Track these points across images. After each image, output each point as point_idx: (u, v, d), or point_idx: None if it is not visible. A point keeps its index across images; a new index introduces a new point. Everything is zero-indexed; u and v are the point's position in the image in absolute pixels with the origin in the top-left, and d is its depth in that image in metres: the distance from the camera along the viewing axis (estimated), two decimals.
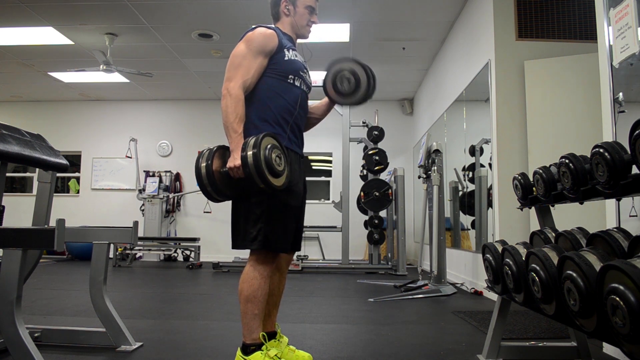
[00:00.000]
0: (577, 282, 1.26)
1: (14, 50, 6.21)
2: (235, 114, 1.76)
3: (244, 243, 1.81)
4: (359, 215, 6.85)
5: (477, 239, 4.62)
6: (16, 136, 1.99)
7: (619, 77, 2.21)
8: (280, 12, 2.00)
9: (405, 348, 2.32)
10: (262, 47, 1.84)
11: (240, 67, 1.81)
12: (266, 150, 1.68)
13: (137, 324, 2.70)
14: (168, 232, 8.26)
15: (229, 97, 1.77)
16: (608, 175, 1.37)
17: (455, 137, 5.41)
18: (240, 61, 1.82)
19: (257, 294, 1.77)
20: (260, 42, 1.84)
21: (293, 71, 1.92)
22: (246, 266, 1.82)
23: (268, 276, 1.81)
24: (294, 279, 5.16)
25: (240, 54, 1.83)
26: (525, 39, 3.99)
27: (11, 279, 1.63)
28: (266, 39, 1.85)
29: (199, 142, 8.55)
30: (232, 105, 1.76)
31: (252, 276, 1.78)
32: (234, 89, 1.77)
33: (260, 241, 1.77)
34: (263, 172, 1.67)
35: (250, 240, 1.78)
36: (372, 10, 5.06)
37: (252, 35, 1.86)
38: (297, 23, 2.00)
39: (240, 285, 1.79)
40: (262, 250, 1.79)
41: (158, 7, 5.01)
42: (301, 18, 1.99)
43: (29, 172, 8.76)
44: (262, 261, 1.80)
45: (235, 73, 1.80)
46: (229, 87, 1.78)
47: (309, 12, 2.00)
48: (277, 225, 1.81)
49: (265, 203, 1.79)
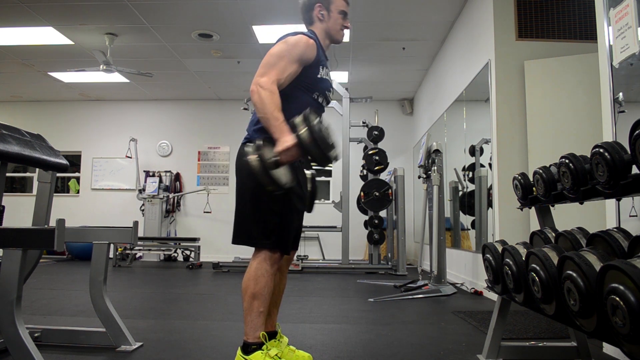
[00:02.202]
0: (577, 282, 1.26)
1: (14, 50, 6.21)
2: (274, 104, 1.69)
3: (252, 241, 1.81)
4: (359, 215, 6.85)
5: (477, 239, 4.62)
6: (16, 136, 1.99)
7: (619, 77, 2.21)
8: (313, 17, 1.98)
9: (405, 348, 2.32)
10: (301, 55, 1.81)
11: (275, 66, 1.76)
12: (317, 122, 1.64)
13: (137, 324, 2.70)
14: (168, 232, 8.26)
15: (263, 90, 1.70)
16: (608, 175, 1.37)
17: (455, 137, 5.41)
18: (277, 61, 1.77)
19: (264, 291, 1.77)
20: (301, 50, 1.81)
21: (321, 90, 1.92)
22: (252, 263, 1.82)
23: (274, 274, 1.83)
24: (294, 279, 5.16)
25: (278, 53, 1.79)
26: (525, 39, 3.99)
27: (11, 279, 1.63)
28: (308, 49, 1.83)
29: (199, 142, 8.56)
30: (267, 97, 1.69)
31: (260, 274, 1.78)
32: (267, 84, 1.71)
33: (275, 241, 1.80)
34: (324, 143, 1.62)
35: (264, 239, 1.79)
36: (372, 10, 5.06)
37: (295, 40, 1.82)
38: (331, 28, 1.98)
39: (246, 282, 1.79)
40: (274, 249, 1.81)
41: (158, 7, 5.01)
42: (335, 23, 1.98)
43: (29, 172, 8.76)
44: (269, 259, 1.81)
45: (269, 70, 1.75)
46: (260, 81, 1.72)
47: (342, 17, 1.99)
48: (287, 226, 1.84)
49: (280, 205, 1.80)
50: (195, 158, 8.55)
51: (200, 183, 8.45)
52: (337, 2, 1.97)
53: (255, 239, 1.81)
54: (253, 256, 1.84)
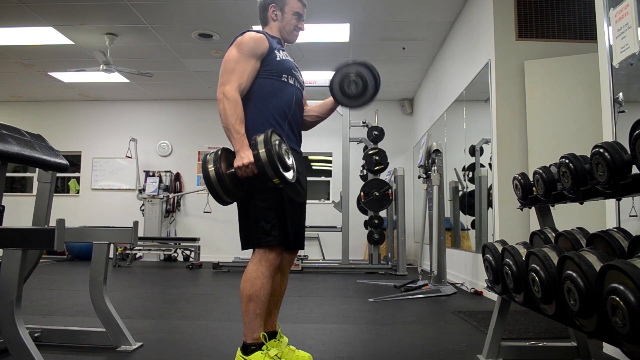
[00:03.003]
0: (577, 282, 1.26)
1: (14, 50, 6.21)
2: (236, 116, 1.78)
3: (258, 241, 1.81)
4: (359, 215, 6.85)
5: (477, 239, 4.62)
6: (16, 136, 1.99)
7: (619, 77, 2.21)
8: (268, 17, 2.05)
9: (405, 348, 2.32)
10: (253, 50, 1.87)
11: (234, 71, 1.83)
12: (276, 145, 1.72)
13: (137, 324, 2.70)
14: (168, 232, 8.26)
15: (226, 100, 1.78)
16: (608, 175, 1.37)
17: (455, 137, 5.41)
18: (234, 65, 1.84)
19: (260, 293, 1.77)
20: (251, 46, 1.87)
21: (286, 70, 1.95)
22: (249, 265, 1.82)
23: (271, 276, 1.82)
24: (294, 279, 5.16)
25: (232, 58, 1.86)
26: (525, 39, 3.99)
27: (11, 279, 1.63)
28: (257, 42, 1.89)
29: (199, 142, 8.56)
30: (230, 108, 1.78)
31: (255, 275, 1.78)
32: (230, 92, 1.79)
33: (276, 237, 1.80)
34: (277, 166, 1.69)
35: (264, 237, 1.80)
36: (372, 10, 5.06)
37: (242, 39, 1.89)
38: (284, 28, 2.04)
39: (243, 284, 1.79)
40: (278, 246, 1.82)
41: (158, 7, 5.01)
42: (288, 24, 2.04)
43: (29, 172, 8.76)
44: (266, 260, 1.80)
45: (229, 77, 1.82)
46: (224, 90, 1.80)
47: (296, 19, 2.04)
48: (288, 221, 1.85)
49: (273, 200, 1.82)
50: (195, 158, 8.55)
51: (200, 183, 8.44)
52: (291, 3, 2.02)
53: (256, 239, 1.81)
54: (250, 259, 1.84)
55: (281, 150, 1.73)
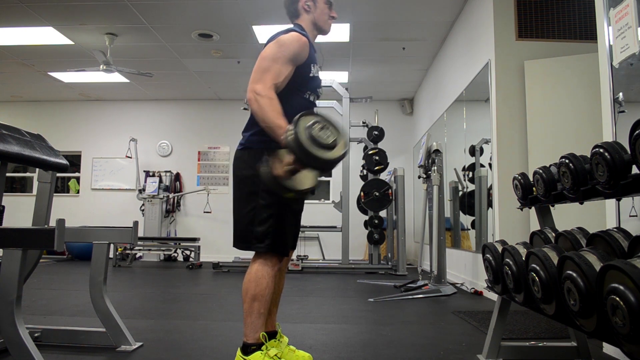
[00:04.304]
0: (577, 282, 1.26)
1: (14, 50, 6.21)
2: (273, 110, 1.64)
3: (248, 245, 1.80)
4: (359, 215, 6.85)
5: (477, 239, 4.62)
6: (16, 136, 1.99)
7: (619, 77, 2.21)
8: (299, 9, 1.92)
9: (405, 348, 2.32)
10: (295, 55, 1.76)
11: (269, 70, 1.71)
12: (306, 128, 1.55)
13: (137, 324, 2.70)
14: (168, 232, 8.26)
15: (260, 98, 1.65)
16: (608, 175, 1.37)
17: (455, 137, 5.41)
18: (270, 64, 1.71)
19: (265, 292, 1.77)
20: (294, 50, 1.75)
21: (312, 88, 1.90)
22: (253, 265, 1.81)
23: (275, 276, 1.82)
24: (294, 279, 5.16)
25: (270, 56, 1.73)
26: (525, 39, 3.99)
27: (11, 279, 1.63)
28: (301, 48, 1.77)
29: (199, 142, 8.56)
30: (266, 104, 1.64)
31: (260, 275, 1.78)
32: (263, 90, 1.66)
33: (269, 244, 1.77)
34: (306, 149, 1.53)
35: (257, 242, 1.78)
36: (372, 10, 5.06)
37: (286, 39, 1.76)
38: (319, 19, 1.93)
39: (246, 284, 1.78)
40: (272, 252, 1.80)
41: (158, 7, 5.01)
42: (322, 13, 1.93)
43: (29, 172, 8.75)
44: (270, 261, 1.80)
45: (262, 76, 1.69)
46: (256, 89, 1.66)
47: (328, 7, 1.95)
48: (283, 229, 1.82)
49: (275, 207, 1.77)
50: (195, 158, 8.55)
51: (200, 183, 8.45)
52: None
53: (252, 244, 1.80)
54: (253, 258, 1.84)
55: (312, 131, 1.55)
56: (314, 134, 1.55)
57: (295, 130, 1.54)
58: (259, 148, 1.77)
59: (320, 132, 1.57)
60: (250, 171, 1.76)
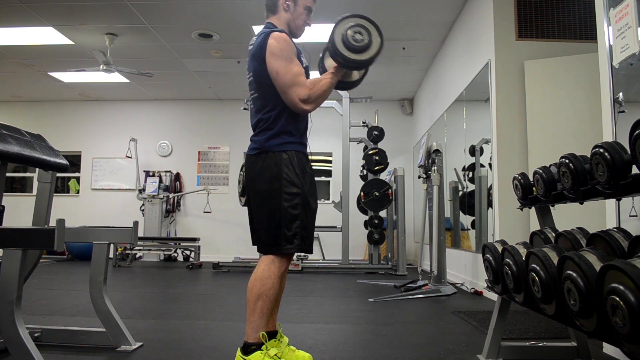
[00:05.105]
0: (577, 282, 1.26)
1: (14, 50, 6.21)
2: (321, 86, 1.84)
3: (277, 248, 1.81)
4: (359, 215, 6.85)
5: (477, 239, 4.62)
6: (16, 136, 1.99)
7: (619, 77, 2.21)
8: (279, 6, 1.95)
9: (405, 348, 2.32)
10: (293, 52, 1.85)
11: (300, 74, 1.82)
12: (342, 32, 1.78)
13: (137, 324, 2.70)
14: (168, 232, 8.26)
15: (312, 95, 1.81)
16: (608, 175, 1.37)
17: (455, 137, 5.41)
18: (296, 68, 1.82)
19: (270, 292, 1.78)
20: (292, 48, 1.85)
21: (308, 77, 1.95)
22: (260, 265, 1.83)
23: (281, 276, 1.84)
24: (294, 279, 5.16)
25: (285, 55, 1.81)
26: (525, 39, 3.99)
27: (11, 279, 1.63)
28: (291, 46, 1.85)
29: (199, 142, 8.56)
30: (318, 94, 1.83)
31: (267, 275, 1.79)
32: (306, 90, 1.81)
33: (298, 244, 1.81)
34: (338, 51, 1.77)
35: (287, 244, 1.81)
36: (372, 10, 5.05)
37: (281, 40, 1.83)
38: (294, 21, 1.97)
39: (252, 283, 1.80)
40: (297, 252, 1.84)
41: (158, 7, 5.01)
42: (299, 17, 1.97)
43: (29, 172, 8.76)
44: (279, 262, 1.82)
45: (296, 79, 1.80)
46: (299, 95, 1.80)
47: (306, 14, 1.99)
48: (308, 228, 1.87)
49: (299, 207, 1.82)
50: (195, 158, 8.55)
51: (200, 183, 8.45)
52: None
53: (281, 246, 1.81)
54: (262, 258, 1.84)
55: (345, 36, 1.79)
56: (347, 37, 1.77)
57: (333, 33, 1.78)
58: (278, 152, 1.83)
59: (354, 35, 1.78)
60: (270, 175, 1.80)
